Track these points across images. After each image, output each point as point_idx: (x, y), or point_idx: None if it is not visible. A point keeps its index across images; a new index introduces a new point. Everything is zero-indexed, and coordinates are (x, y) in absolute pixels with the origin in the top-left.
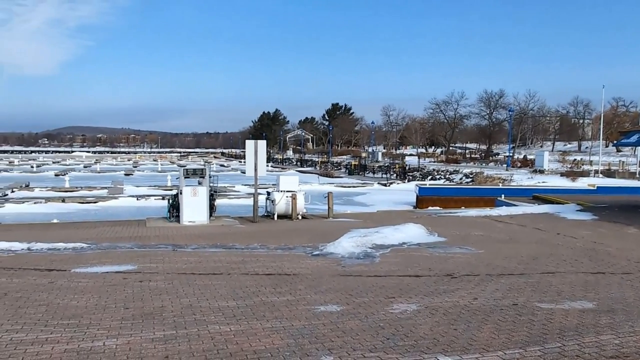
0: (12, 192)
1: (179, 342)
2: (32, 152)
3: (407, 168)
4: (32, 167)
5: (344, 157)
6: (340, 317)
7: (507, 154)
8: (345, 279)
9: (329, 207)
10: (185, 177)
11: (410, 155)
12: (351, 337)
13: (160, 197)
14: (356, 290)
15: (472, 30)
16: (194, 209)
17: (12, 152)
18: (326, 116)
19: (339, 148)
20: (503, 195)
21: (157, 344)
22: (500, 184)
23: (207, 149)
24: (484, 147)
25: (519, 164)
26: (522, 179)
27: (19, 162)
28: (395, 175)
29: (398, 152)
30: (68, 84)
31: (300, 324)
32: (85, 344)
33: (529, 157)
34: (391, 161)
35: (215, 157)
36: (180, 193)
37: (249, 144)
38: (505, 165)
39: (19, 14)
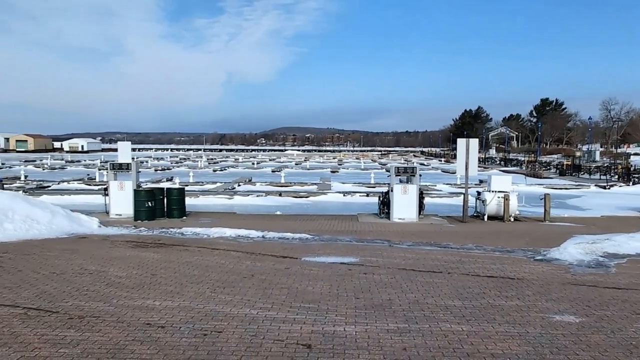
0: (239, 185)
1: (413, 336)
2: (252, 150)
3: (632, 169)
4: (253, 164)
5: (554, 156)
6: (580, 329)
7: None
8: (578, 288)
9: (545, 210)
10: (396, 175)
11: (636, 154)
12: (599, 353)
13: (365, 194)
14: (594, 301)
15: None
16: (404, 206)
17: (237, 150)
18: (534, 112)
19: (548, 147)
20: None
21: (392, 335)
22: None
23: (406, 147)
24: None
25: None
26: None
27: (242, 159)
28: (617, 176)
29: (619, 150)
30: (282, 89)
31: (536, 332)
32: (327, 328)
33: None
34: (612, 161)
35: (414, 155)
36: (391, 190)
37: (461, 142)
38: None
39: (246, 27)
